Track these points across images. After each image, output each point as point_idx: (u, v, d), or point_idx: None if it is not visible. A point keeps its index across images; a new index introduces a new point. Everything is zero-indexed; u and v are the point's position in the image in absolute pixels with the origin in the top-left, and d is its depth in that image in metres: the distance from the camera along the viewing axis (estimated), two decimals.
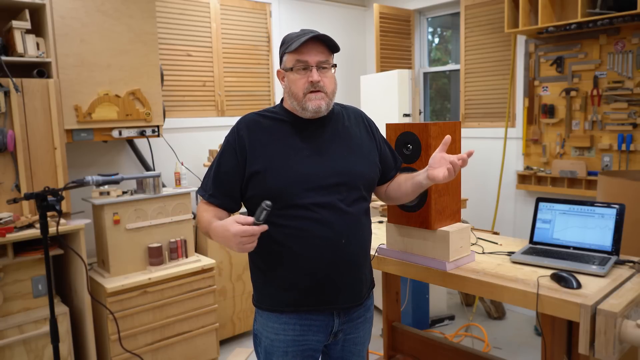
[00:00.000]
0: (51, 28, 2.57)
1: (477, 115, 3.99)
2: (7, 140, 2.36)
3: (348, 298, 1.51)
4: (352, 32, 4.58)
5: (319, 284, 1.45)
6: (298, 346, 1.49)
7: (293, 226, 1.42)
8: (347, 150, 1.51)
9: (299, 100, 1.45)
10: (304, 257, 1.42)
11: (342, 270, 1.47)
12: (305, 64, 1.42)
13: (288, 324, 1.48)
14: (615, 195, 2.37)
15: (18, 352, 2.40)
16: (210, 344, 3.01)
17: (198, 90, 3.63)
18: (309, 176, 1.43)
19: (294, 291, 1.46)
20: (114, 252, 2.71)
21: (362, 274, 1.54)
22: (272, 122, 1.50)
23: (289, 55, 1.45)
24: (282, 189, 1.41)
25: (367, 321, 1.62)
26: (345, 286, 1.49)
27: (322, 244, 1.43)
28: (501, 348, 3.22)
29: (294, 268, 1.44)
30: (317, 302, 1.47)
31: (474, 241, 2.13)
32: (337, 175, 1.45)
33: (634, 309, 1.48)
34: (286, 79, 1.48)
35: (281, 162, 1.44)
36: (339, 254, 1.45)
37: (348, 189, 1.47)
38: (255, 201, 1.47)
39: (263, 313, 1.52)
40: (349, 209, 1.46)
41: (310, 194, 1.42)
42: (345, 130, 1.54)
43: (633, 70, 3.06)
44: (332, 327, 1.51)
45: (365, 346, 1.64)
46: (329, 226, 1.42)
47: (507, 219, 3.82)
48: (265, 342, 1.52)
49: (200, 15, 3.59)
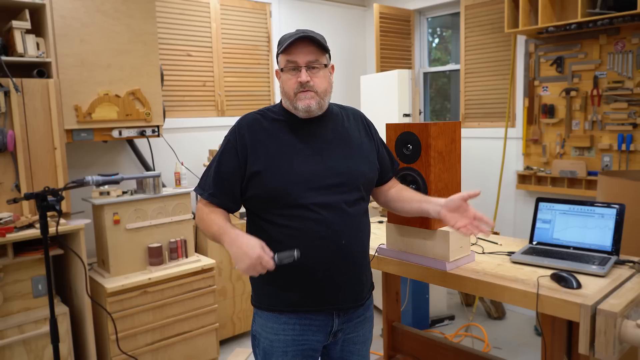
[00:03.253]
0: (51, 28, 2.57)
1: (477, 115, 3.99)
2: (7, 140, 2.36)
3: (348, 298, 1.50)
4: (352, 32, 4.58)
5: (319, 284, 1.45)
6: (297, 346, 1.49)
7: (294, 226, 1.42)
8: (347, 150, 1.51)
9: (290, 100, 1.46)
10: (305, 257, 1.42)
11: (343, 270, 1.47)
12: (295, 64, 1.43)
13: (287, 324, 1.48)
14: (615, 195, 2.37)
15: (18, 352, 2.40)
16: (210, 344, 3.01)
17: (198, 90, 3.63)
18: (310, 176, 1.43)
19: (293, 291, 1.46)
20: (114, 252, 2.71)
21: (362, 274, 1.54)
22: (272, 122, 1.50)
23: (281, 55, 1.46)
24: (283, 189, 1.41)
25: (367, 320, 1.61)
26: (345, 287, 1.49)
27: (323, 244, 1.43)
28: (501, 348, 3.22)
29: (294, 268, 1.43)
30: (316, 302, 1.47)
31: (474, 241, 2.13)
32: (337, 175, 1.46)
33: (634, 309, 1.48)
34: (281, 78, 1.49)
35: (282, 162, 1.44)
36: (340, 255, 1.45)
37: (349, 190, 1.47)
38: (255, 201, 1.48)
39: (262, 313, 1.52)
40: (349, 210, 1.46)
41: (311, 194, 1.42)
42: (344, 130, 1.54)
43: (633, 70, 3.06)
44: (332, 327, 1.51)
45: (365, 345, 1.63)
46: (329, 226, 1.42)
47: (507, 219, 3.82)
48: (264, 342, 1.51)
49: (200, 15, 3.59)
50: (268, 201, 1.45)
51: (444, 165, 1.79)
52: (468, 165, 3.87)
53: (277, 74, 1.52)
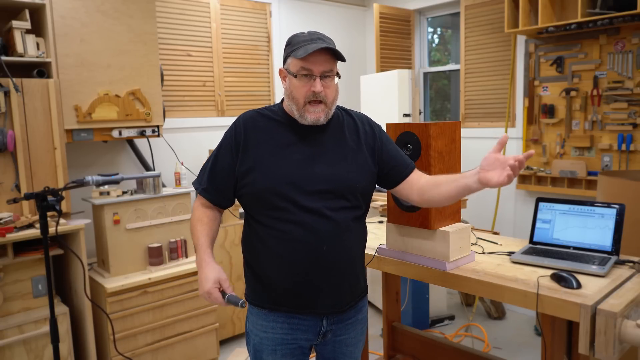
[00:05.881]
0: (51, 28, 2.57)
1: (477, 115, 3.99)
2: (7, 140, 2.36)
3: (328, 304, 1.48)
4: (352, 32, 4.58)
5: (297, 287, 1.44)
6: (287, 344, 1.49)
7: (277, 228, 1.42)
8: (340, 158, 1.48)
9: (298, 107, 1.43)
10: (284, 259, 1.42)
11: (322, 276, 1.44)
12: (309, 72, 1.40)
13: (277, 322, 1.48)
14: (615, 195, 2.37)
15: (18, 352, 2.40)
16: (210, 344, 3.01)
17: (198, 90, 3.63)
18: (297, 180, 1.42)
19: (273, 291, 1.47)
20: (114, 252, 2.71)
21: (344, 281, 1.49)
22: (269, 121, 1.49)
23: (295, 60, 1.41)
24: (268, 189, 1.41)
25: (359, 322, 1.60)
26: (323, 292, 1.46)
27: (303, 248, 1.42)
28: (501, 348, 3.22)
29: (274, 268, 1.45)
30: (295, 304, 1.46)
31: (474, 241, 2.13)
32: (324, 182, 1.43)
33: (634, 309, 1.48)
34: (289, 81, 1.45)
35: (270, 162, 1.43)
36: (319, 260, 1.43)
37: (335, 197, 1.44)
38: (247, 199, 1.49)
39: (253, 310, 1.53)
40: (334, 216, 1.43)
41: (297, 197, 1.41)
42: (342, 137, 1.51)
43: (633, 70, 3.06)
44: (320, 328, 1.50)
45: (357, 347, 1.62)
46: (311, 231, 1.41)
47: (507, 219, 3.82)
48: (255, 339, 1.52)
49: (200, 15, 3.59)
50: (256, 200, 1.45)
51: (444, 165, 1.79)
52: (468, 165, 3.83)
53: (282, 74, 1.48)
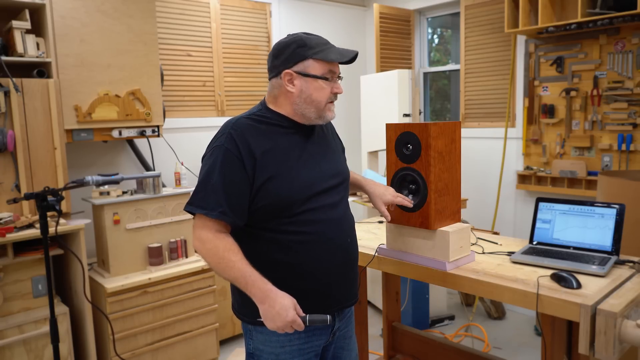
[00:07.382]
0: (51, 28, 2.57)
1: (477, 115, 3.99)
2: (7, 140, 2.36)
3: (350, 296, 1.53)
4: (352, 32, 4.58)
5: (329, 287, 1.45)
6: (304, 354, 1.47)
7: (308, 231, 1.40)
8: (331, 152, 1.56)
9: (319, 108, 1.42)
10: (321, 262, 1.42)
11: (348, 268, 1.50)
12: (334, 74, 1.45)
13: (294, 334, 1.41)
14: (615, 195, 2.37)
15: (18, 352, 2.40)
16: (210, 344, 3.01)
17: (198, 90, 3.63)
18: (314, 179, 1.43)
19: (303, 300, 1.34)
20: (114, 252, 2.71)
21: (357, 271, 1.58)
22: (268, 127, 1.42)
23: (319, 62, 1.40)
24: (293, 196, 1.38)
25: (352, 314, 1.66)
26: (347, 285, 1.51)
27: (335, 245, 1.45)
28: (501, 348, 3.22)
29: (307, 274, 1.40)
30: (325, 305, 1.45)
31: (474, 241, 2.13)
32: (334, 176, 1.50)
33: (634, 309, 1.48)
34: (302, 84, 1.40)
35: (286, 167, 1.39)
36: (346, 254, 1.49)
37: (344, 188, 1.55)
38: (262, 212, 1.38)
39: (263, 329, 1.41)
40: (345, 208, 1.53)
41: (318, 197, 1.43)
42: (324, 134, 1.58)
43: (633, 70, 3.06)
44: (333, 327, 1.52)
45: (352, 339, 1.66)
46: (338, 226, 1.46)
47: (507, 219, 3.82)
48: (269, 358, 1.44)
49: (200, 15, 3.59)
50: (279, 210, 1.38)
51: (444, 165, 1.79)
52: (468, 165, 3.87)
53: (294, 77, 1.40)
